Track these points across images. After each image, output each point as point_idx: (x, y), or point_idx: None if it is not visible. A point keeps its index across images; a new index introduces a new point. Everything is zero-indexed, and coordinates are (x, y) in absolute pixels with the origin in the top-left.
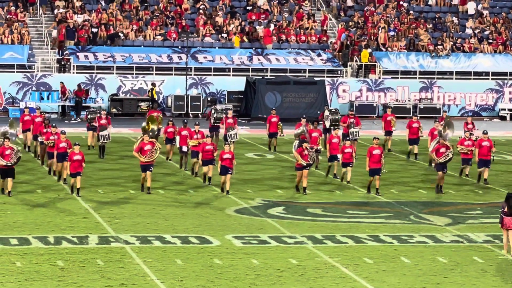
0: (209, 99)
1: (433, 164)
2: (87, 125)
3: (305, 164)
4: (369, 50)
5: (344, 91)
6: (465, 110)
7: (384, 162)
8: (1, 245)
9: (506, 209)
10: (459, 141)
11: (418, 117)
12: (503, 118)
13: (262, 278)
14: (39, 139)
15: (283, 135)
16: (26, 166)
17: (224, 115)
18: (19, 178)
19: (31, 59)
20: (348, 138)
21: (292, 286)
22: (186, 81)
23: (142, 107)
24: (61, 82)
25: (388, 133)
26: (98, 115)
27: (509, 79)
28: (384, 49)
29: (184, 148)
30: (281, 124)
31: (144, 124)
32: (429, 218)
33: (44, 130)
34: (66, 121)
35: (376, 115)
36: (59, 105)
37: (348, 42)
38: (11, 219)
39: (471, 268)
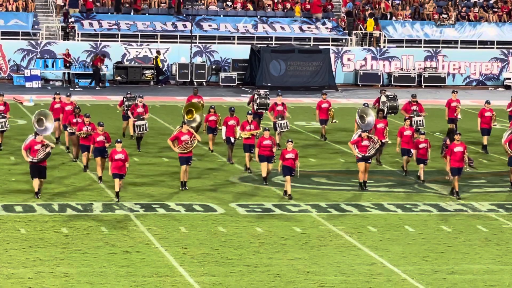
0: (213, 67)
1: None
2: (122, 113)
3: (360, 156)
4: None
5: (348, 59)
6: (469, 79)
7: (467, 160)
8: (5, 212)
9: (447, 142)
10: None
11: (491, 105)
12: (508, 87)
13: (266, 246)
14: (68, 129)
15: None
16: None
17: (270, 101)
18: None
19: (36, 26)
20: (420, 131)
21: (296, 254)
22: (191, 49)
23: (146, 75)
24: (66, 49)
25: (452, 121)
26: (135, 102)
27: None
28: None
29: (232, 139)
30: (332, 110)
31: (183, 112)
32: (433, 187)
33: (74, 120)
34: (70, 89)
35: (381, 84)
36: (63, 73)
37: (353, 11)
38: (15, 186)
39: (475, 237)
